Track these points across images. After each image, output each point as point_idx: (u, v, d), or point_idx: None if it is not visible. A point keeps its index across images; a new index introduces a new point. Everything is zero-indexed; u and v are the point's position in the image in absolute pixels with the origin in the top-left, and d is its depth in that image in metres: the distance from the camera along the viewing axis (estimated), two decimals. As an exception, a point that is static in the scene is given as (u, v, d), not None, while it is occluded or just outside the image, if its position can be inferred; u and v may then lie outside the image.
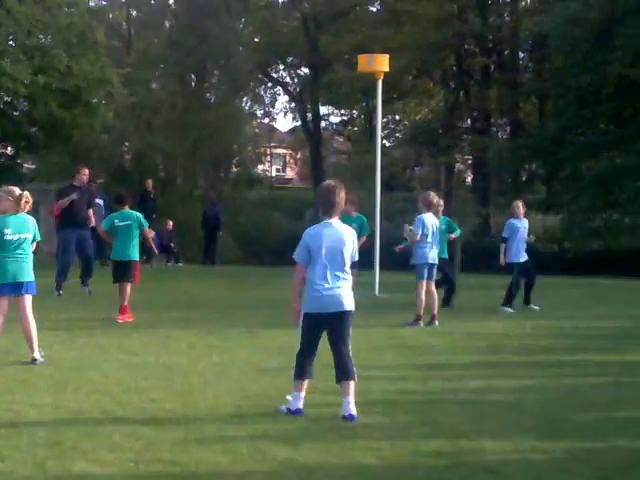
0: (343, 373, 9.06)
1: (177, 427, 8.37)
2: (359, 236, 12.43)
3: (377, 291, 20.38)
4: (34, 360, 11.42)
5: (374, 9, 46.42)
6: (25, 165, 36.28)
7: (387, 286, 20.29)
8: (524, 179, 41.10)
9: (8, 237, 11.42)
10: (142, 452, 7.56)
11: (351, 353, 9.25)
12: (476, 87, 42.32)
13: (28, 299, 11.61)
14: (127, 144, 40.63)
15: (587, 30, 31.66)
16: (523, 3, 43.10)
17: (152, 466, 7.24)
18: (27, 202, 11.70)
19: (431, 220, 16.00)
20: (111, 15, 43.38)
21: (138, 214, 16.32)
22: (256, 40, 47.10)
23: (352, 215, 18.35)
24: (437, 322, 15.73)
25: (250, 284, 23.25)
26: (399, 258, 18.57)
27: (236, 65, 39.99)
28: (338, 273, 8.86)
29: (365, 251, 19.20)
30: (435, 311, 15.85)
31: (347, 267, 8.91)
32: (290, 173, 71.29)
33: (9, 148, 32.08)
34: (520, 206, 18.73)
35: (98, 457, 7.42)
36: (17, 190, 11.69)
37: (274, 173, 65.76)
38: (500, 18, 41.01)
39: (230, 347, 12.96)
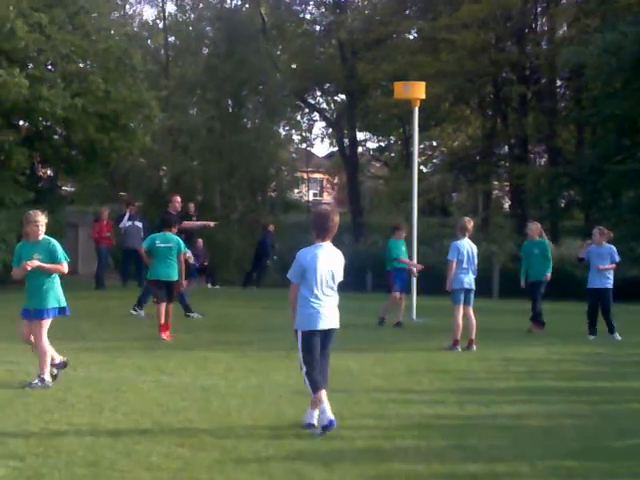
0: (324, 380, 9.42)
1: (213, 448, 8.39)
2: None
3: (415, 315, 20.37)
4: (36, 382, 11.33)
5: (411, 37, 46.54)
6: (64, 188, 36.56)
7: (425, 310, 20.26)
8: (562, 205, 40.95)
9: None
10: (179, 472, 7.60)
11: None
12: (513, 114, 42.28)
13: (41, 325, 11.37)
14: (164, 168, 40.89)
15: (623, 59, 31.60)
16: (560, 32, 43.07)
17: (189, 486, 7.27)
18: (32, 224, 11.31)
19: (467, 246, 15.98)
20: (149, 41, 43.81)
21: (178, 239, 16.63)
22: (293, 66, 47.33)
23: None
24: (475, 347, 15.68)
25: (286, 307, 23.21)
26: (437, 283, 18.60)
27: (273, 91, 40.21)
28: (330, 292, 9.35)
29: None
30: (473, 336, 15.79)
31: (335, 287, 9.39)
32: (327, 198, 71.42)
33: (49, 171, 32.37)
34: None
35: (135, 477, 7.46)
36: (31, 214, 11.41)
37: (311, 197, 65.90)
38: (537, 47, 41.00)
39: (267, 369, 12.98)
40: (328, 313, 9.32)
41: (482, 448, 8.61)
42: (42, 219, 11.33)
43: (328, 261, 9.31)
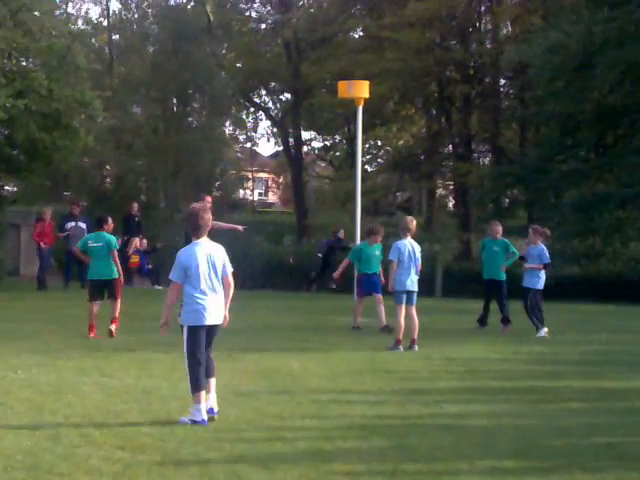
0: (209, 371, 9.81)
1: (154, 451, 8.37)
2: None
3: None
4: None
5: (356, 36, 46.60)
6: (6, 187, 36.17)
7: (368, 311, 20.30)
8: (506, 205, 41.22)
9: None
10: (119, 476, 7.57)
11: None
12: (458, 114, 42.48)
13: None
14: (108, 167, 40.62)
15: (567, 59, 31.86)
16: (505, 31, 43.35)
17: (129, 490, 7.24)
18: None
19: (408, 245, 16.02)
20: (93, 39, 43.47)
21: (110, 237, 16.80)
22: (238, 65, 47.19)
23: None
24: (417, 347, 15.75)
25: (231, 308, 23.18)
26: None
27: (218, 90, 40.09)
28: (215, 288, 9.71)
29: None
30: (415, 336, 15.86)
31: (219, 282, 9.74)
32: (272, 197, 71.38)
33: (-10, 171, 32.02)
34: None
35: (75, 480, 7.42)
36: None
37: (256, 197, 65.82)
38: (481, 46, 41.24)
39: (209, 371, 12.92)
40: (212, 309, 9.67)
41: (423, 448, 8.66)
42: None
43: (208, 257, 9.64)
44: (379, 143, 52.96)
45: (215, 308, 9.72)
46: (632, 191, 30.01)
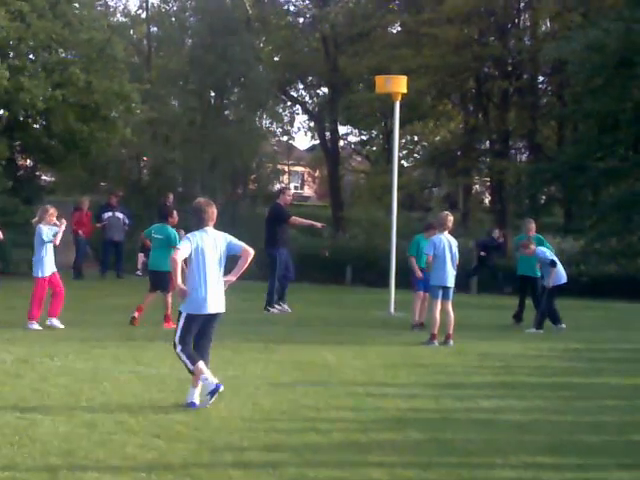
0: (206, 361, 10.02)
1: (189, 439, 8.42)
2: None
3: (392, 309, 20.37)
4: None
5: (394, 30, 46.49)
6: (44, 178, 36.44)
7: (403, 304, 20.26)
8: (542, 202, 41.03)
9: None
10: (154, 463, 7.62)
11: None
12: (495, 110, 42.32)
13: None
14: (145, 159, 40.77)
15: (606, 57, 31.65)
16: (543, 28, 43.13)
17: (164, 477, 7.29)
18: None
19: (444, 240, 15.96)
20: (132, 31, 43.63)
21: (172, 232, 17.15)
22: (276, 59, 47.24)
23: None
24: (452, 342, 15.70)
25: (263, 299, 23.25)
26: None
27: (255, 83, 40.11)
28: (217, 276, 9.95)
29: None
30: (451, 331, 15.81)
31: (220, 271, 9.98)
32: (308, 191, 71.35)
33: (28, 161, 32.26)
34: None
35: (110, 467, 7.48)
36: None
37: (292, 190, 65.85)
38: (520, 42, 41.05)
39: (244, 361, 12.99)
40: (214, 298, 9.91)
41: (457, 442, 8.65)
42: None
43: (213, 244, 9.92)
44: (416, 138, 52.83)
45: (216, 298, 9.94)
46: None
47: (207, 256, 9.86)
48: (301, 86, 50.22)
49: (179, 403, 9.85)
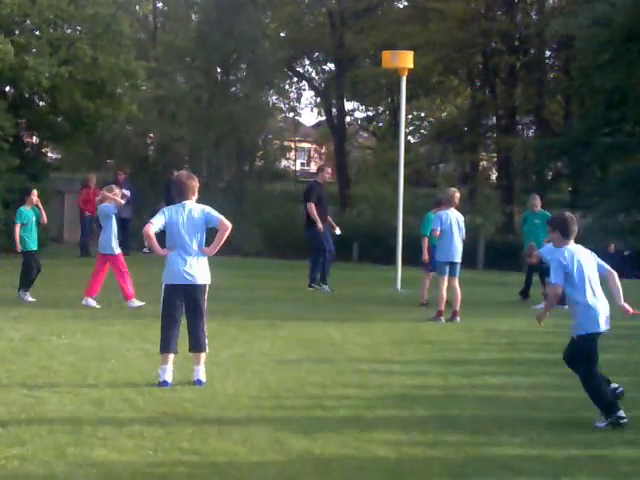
0: (194, 345, 10.01)
1: (197, 417, 8.45)
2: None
3: (399, 286, 20.36)
4: None
5: (401, 6, 46.36)
6: (50, 155, 36.39)
7: (409, 281, 20.24)
8: (549, 177, 40.98)
9: None
10: (161, 440, 7.64)
11: (206, 326, 10.09)
12: (502, 85, 42.21)
13: None
14: (151, 136, 40.71)
15: (614, 32, 31.51)
16: (550, 2, 42.97)
17: (171, 454, 7.32)
18: None
19: (451, 216, 15.94)
20: (137, 7, 43.49)
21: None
22: (282, 35, 47.10)
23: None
24: (459, 318, 15.68)
25: (272, 276, 23.30)
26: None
27: (262, 59, 39.97)
28: (191, 248, 9.90)
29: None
30: (457, 307, 15.80)
31: (198, 243, 9.94)
32: (314, 167, 71.25)
33: (34, 138, 32.21)
34: None
35: (117, 444, 7.51)
36: None
37: (298, 167, 65.72)
38: (527, 17, 40.89)
39: (250, 338, 13.01)
40: (191, 269, 9.86)
41: (463, 418, 8.68)
42: None
43: (189, 216, 9.88)
44: (422, 114, 52.74)
45: (190, 269, 9.88)
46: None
47: (182, 229, 9.85)
48: (307, 62, 50.15)
49: (186, 381, 9.87)
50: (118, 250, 16.39)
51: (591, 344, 8.86)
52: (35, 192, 17.22)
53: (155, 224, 9.89)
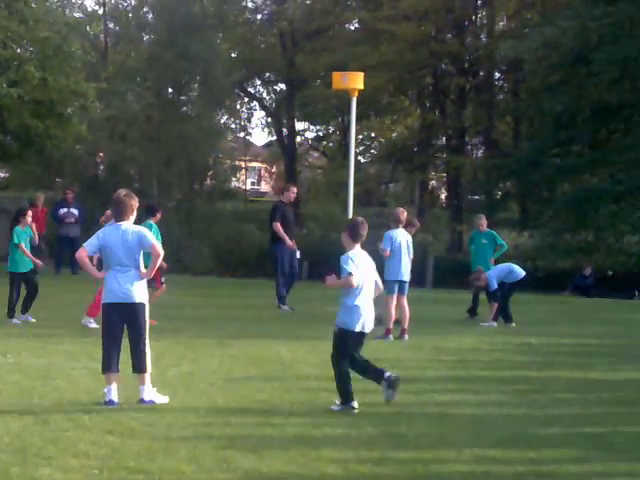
0: (135, 366, 9.99)
1: (143, 435, 8.39)
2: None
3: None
4: None
5: (352, 27, 46.55)
6: (-1, 174, 36.19)
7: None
8: (498, 197, 41.25)
9: None
10: (107, 459, 7.58)
11: (147, 346, 10.03)
12: (452, 106, 42.47)
13: None
14: (101, 155, 40.53)
15: (563, 55, 31.85)
16: (500, 25, 43.34)
17: (116, 474, 7.25)
18: None
19: (400, 236, 16.05)
20: (88, 27, 43.34)
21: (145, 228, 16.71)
22: (233, 55, 47.10)
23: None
24: (407, 336, 15.76)
25: (222, 295, 23.25)
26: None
27: (216, 81, 39.94)
28: (126, 267, 9.86)
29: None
30: (405, 325, 15.88)
31: (134, 264, 9.90)
32: (265, 187, 71.31)
33: (-18, 156, 31.99)
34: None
35: (62, 464, 7.44)
36: None
37: (249, 186, 65.76)
38: (477, 40, 41.21)
39: (199, 357, 12.96)
40: (123, 287, 9.82)
41: (411, 436, 8.69)
42: None
43: (122, 239, 9.82)
44: (372, 134, 52.95)
45: (123, 287, 9.83)
46: (626, 186, 29.98)
47: (117, 250, 9.82)
48: (258, 82, 50.19)
49: (133, 399, 9.80)
50: None
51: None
52: (30, 213, 17.08)
53: (88, 248, 9.96)
